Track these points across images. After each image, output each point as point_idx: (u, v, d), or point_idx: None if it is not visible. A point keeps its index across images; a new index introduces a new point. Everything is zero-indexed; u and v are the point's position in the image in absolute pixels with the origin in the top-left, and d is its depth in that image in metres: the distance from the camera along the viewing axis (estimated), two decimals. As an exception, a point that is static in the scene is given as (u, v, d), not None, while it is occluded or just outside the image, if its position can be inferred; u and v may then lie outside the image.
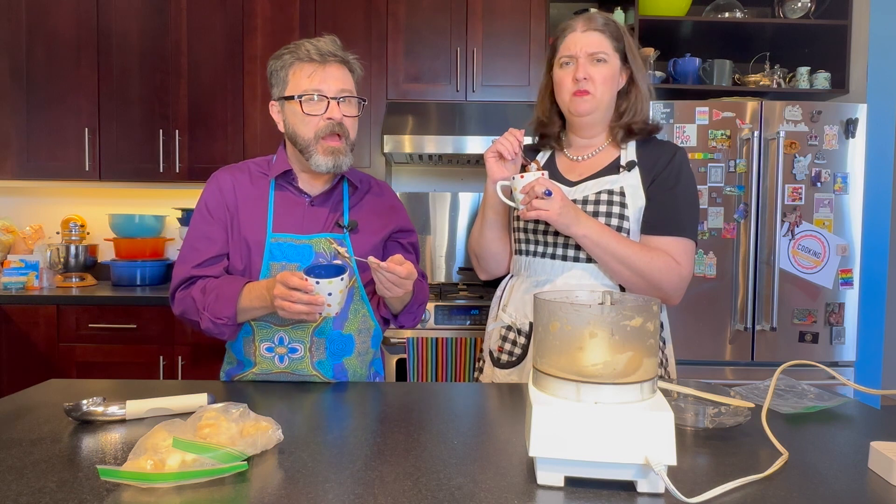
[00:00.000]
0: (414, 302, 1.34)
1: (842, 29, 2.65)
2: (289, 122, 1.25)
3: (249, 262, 1.27)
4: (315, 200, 1.31)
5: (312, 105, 1.21)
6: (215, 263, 1.27)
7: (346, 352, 1.31)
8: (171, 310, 1.29)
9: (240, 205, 1.28)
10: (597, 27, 1.28)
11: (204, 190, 1.31)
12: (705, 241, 2.43)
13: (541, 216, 1.16)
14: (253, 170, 1.33)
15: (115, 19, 2.73)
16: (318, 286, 1.06)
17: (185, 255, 1.28)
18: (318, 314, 1.10)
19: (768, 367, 2.44)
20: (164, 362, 2.47)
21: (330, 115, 1.21)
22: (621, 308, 0.74)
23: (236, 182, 1.30)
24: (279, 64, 1.24)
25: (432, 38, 2.75)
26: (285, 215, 1.28)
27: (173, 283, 1.28)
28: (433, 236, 3.11)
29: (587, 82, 1.27)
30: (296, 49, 1.22)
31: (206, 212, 1.28)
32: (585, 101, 1.28)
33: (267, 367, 1.27)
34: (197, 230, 1.28)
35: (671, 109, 2.42)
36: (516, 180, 1.21)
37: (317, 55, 1.21)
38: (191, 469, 0.74)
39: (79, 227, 2.85)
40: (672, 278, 1.24)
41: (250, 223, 1.27)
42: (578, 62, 1.27)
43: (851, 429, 0.98)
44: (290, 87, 1.23)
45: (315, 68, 1.21)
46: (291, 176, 1.30)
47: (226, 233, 1.28)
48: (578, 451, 0.71)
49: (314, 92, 1.20)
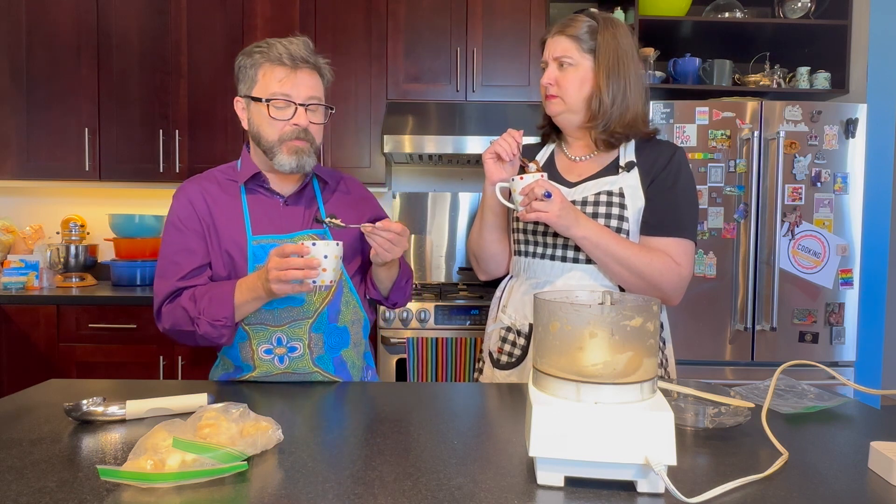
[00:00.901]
0: (401, 276, 1.37)
1: (842, 29, 2.65)
2: (254, 122, 1.25)
3: (234, 268, 1.26)
4: (289, 200, 1.31)
5: (280, 110, 1.21)
6: (199, 274, 1.25)
7: (344, 344, 1.32)
8: (158, 327, 1.25)
9: (214, 214, 1.27)
10: (565, 32, 1.28)
11: (172, 205, 1.29)
12: (705, 241, 2.43)
13: (540, 218, 1.16)
14: (220, 177, 1.32)
15: (115, 19, 2.73)
16: (314, 248, 1.07)
17: (165, 270, 1.25)
18: (313, 283, 1.08)
19: (768, 367, 2.44)
20: (164, 362, 2.47)
21: (296, 122, 1.21)
22: (621, 308, 0.74)
23: (205, 192, 1.28)
24: (249, 62, 1.23)
25: (432, 38, 2.75)
26: (262, 217, 1.28)
27: (157, 299, 1.24)
28: (433, 236, 3.11)
29: (552, 87, 1.29)
30: (267, 49, 1.21)
31: (179, 225, 1.26)
32: (553, 104, 1.30)
33: (267, 369, 1.27)
34: (173, 245, 1.26)
35: (671, 109, 2.42)
36: (515, 181, 1.20)
37: (288, 60, 1.20)
38: (191, 469, 0.74)
39: (79, 227, 2.85)
40: (672, 279, 1.24)
41: (228, 230, 1.26)
42: (548, 67, 1.30)
43: (851, 429, 0.98)
44: (259, 88, 1.22)
45: (286, 73, 1.20)
46: (261, 178, 1.29)
47: (205, 243, 1.26)
48: (578, 451, 0.71)
49: (283, 97, 1.20)
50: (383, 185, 2.82)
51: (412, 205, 3.09)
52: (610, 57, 1.25)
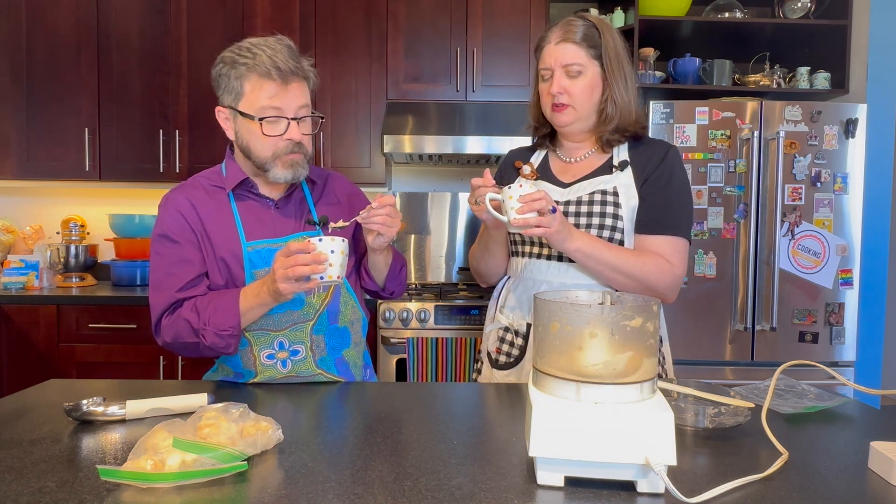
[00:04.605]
0: (395, 263, 1.36)
1: (842, 29, 2.65)
2: (242, 136, 1.21)
3: (230, 275, 1.24)
4: (279, 203, 1.29)
5: (272, 125, 1.17)
6: (198, 284, 1.23)
7: (345, 344, 1.32)
8: (157, 341, 1.22)
9: (205, 222, 1.24)
10: (570, 38, 1.24)
11: (161, 216, 1.25)
12: (705, 241, 2.43)
13: (543, 233, 1.13)
14: (205, 184, 1.29)
15: (115, 19, 2.73)
16: (319, 244, 1.06)
17: (161, 282, 1.22)
18: (320, 279, 1.07)
19: (768, 367, 2.44)
20: (164, 362, 2.47)
21: (290, 137, 1.18)
22: (621, 308, 0.74)
23: (194, 201, 1.25)
24: (233, 72, 1.17)
25: (432, 38, 2.76)
26: (254, 222, 1.26)
27: (155, 312, 1.21)
28: (433, 236, 3.11)
29: (563, 96, 1.26)
30: (252, 59, 1.15)
31: (172, 236, 1.23)
32: (564, 114, 1.28)
33: (270, 374, 1.25)
34: (167, 257, 1.23)
35: (671, 109, 2.42)
36: (514, 189, 1.13)
37: (277, 74, 1.14)
38: (191, 469, 0.74)
39: (79, 227, 2.85)
40: (666, 279, 1.25)
41: (221, 237, 1.24)
42: (554, 76, 1.26)
43: (851, 429, 0.98)
44: (246, 102, 1.17)
45: (276, 89, 1.15)
46: (250, 184, 1.27)
47: (200, 252, 1.24)
48: (578, 451, 0.71)
49: (274, 112, 1.17)
50: (383, 185, 2.82)
51: (412, 205, 3.09)
52: (614, 59, 1.26)
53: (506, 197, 1.13)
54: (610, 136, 1.29)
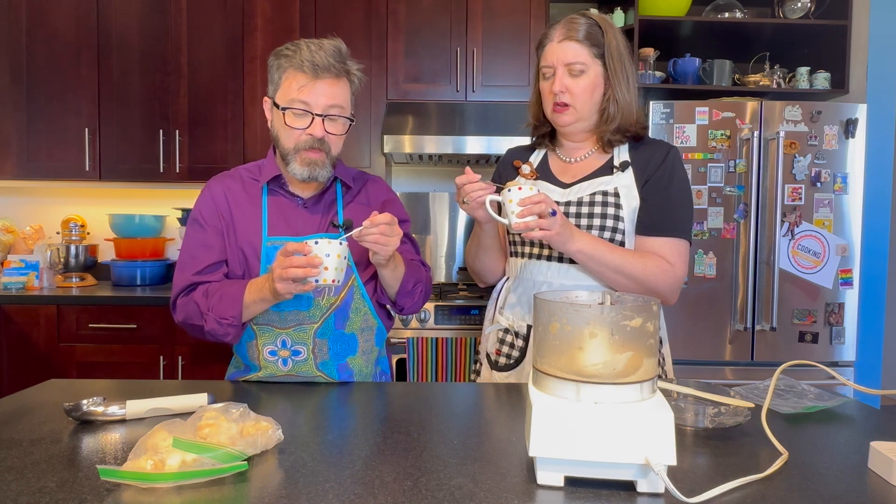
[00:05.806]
0: (408, 279, 1.28)
1: (842, 29, 2.65)
2: (274, 126, 1.25)
3: (247, 267, 1.28)
4: (307, 203, 1.31)
5: (297, 118, 1.19)
6: (216, 270, 1.27)
7: (350, 351, 1.31)
8: (173, 318, 1.28)
9: (233, 212, 1.29)
10: (574, 37, 1.23)
11: (197, 199, 1.31)
12: (705, 241, 2.43)
13: (543, 236, 1.13)
14: (244, 176, 1.33)
15: (115, 19, 2.73)
16: (315, 246, 1.07)
17: (185, 263, 1.27)
18: (316, 282, 1.07)
19: (768, 367, 2.44)
20: (164, 362, 2.47)
21: (311, 132, 1.19)
22: (621, 308, 0.74)
23: (228, 190, 1.30)
24: (276, 64, 1.22)
25: (432, 38, 2.76)
26: (279, 219, 1.29)
27: (174, 291, 1.27)
28: (433, 236, 3.11)
29: (565, 95, 1.25)
30: (295, 52, 1.18)
31: (201, 221, 1.28)
32: (566, 114, 1.27)
33: (271, 371, 1.27)
34: (194, 239, 1.28)
35: (671, 109, 2.42)
36: (513, 192, 1.12)
37: (310, 68, 1.16)
38: (191, 469, 0.74)
39: (79, 227, 2.85)
40: (667, 280, 1.24)
41: (245, 229, 1.28)
42: (556, 74, 1.25)
43: (851, 429, 0.98)
44: (280, 94, 1.21)
45: (306, 81, 1.17)
46: (282, 180, 1.30)
47: (223, 240, 1.28)
48: (578, 451, 0.71)
49: (301, 105, 1.18)
50: (383, 185, 2.82)
51: (412, 205, 3.09)
52: (616, 58, 1.25)
53: (505, 200, 1.12)
54: (611, 137, 1.29)
